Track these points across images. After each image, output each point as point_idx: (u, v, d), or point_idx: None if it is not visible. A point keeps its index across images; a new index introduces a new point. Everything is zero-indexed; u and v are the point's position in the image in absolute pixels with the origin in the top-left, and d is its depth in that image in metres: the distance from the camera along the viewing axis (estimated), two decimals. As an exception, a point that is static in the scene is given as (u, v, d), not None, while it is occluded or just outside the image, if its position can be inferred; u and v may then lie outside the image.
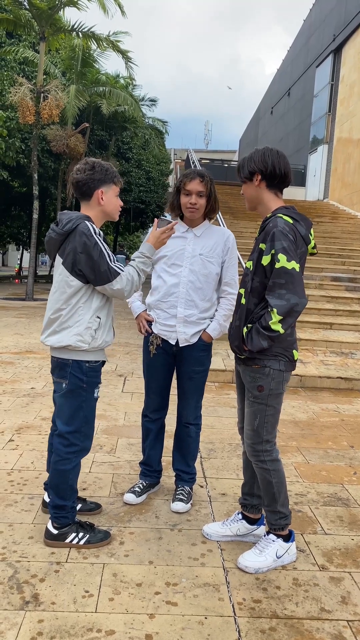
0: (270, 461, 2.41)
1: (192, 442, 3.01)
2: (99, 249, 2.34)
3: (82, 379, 2.46)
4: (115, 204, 2.53)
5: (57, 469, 2.49)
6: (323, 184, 21.05)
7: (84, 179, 2.43)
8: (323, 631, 2.01)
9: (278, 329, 2.23)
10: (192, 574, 2.33)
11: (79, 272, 2.37)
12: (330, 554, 2.54)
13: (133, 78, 19.73)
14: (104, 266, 2.34)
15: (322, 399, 5.54)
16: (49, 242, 2.48)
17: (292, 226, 2.28)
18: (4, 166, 17.18)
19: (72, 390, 2.46)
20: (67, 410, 2.48)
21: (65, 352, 2.45)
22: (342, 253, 11.94)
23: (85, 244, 2.33)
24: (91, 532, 2.52)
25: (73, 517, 2.53)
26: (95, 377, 2.52)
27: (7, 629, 1.93)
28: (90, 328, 2.42)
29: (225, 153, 46.65)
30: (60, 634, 1.92)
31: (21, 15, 14.57)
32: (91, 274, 2.36)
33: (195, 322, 2.85)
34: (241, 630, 1.99)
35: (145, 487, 3.03)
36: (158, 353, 2.92)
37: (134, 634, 1.94)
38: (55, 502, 2.49)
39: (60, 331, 2.43)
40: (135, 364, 6.67)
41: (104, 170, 2.45)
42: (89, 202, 2.48)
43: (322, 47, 21.55)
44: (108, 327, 2.53)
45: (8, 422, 4.20)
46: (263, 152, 2.36)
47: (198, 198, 2.79)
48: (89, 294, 2.43)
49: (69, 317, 2.42)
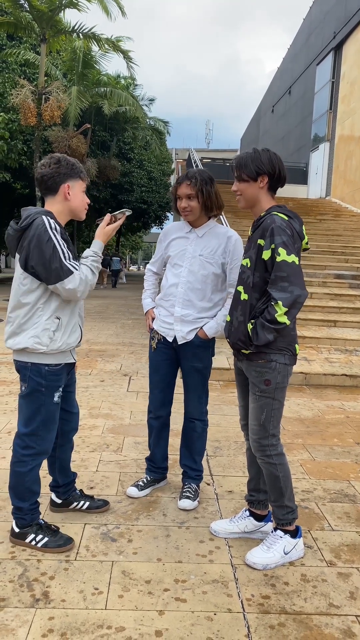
0: (276, 455, 2.43)
1: (198, 437, 3.03)
2: (52, 244, 2.23)
3: (41, 382, 2.38)
4: (82, 200, 2.44)
5: (14, 470, 2.45)
6: (325, 182, 21.03)
7: (50, 172, 2.34)
8: (332, 626, 2.02)
9: (284, 320, 2.26)
10: (200, 570, 2.34)
11: (31, 270, 2.28)
12: (337, 550, 2.55)
13: (134, 78, 19.76)
14: (55, 263, 2.23)
15: (327, 396, 5.54)
16: (7, 240, 2.37)
17: (288, 222, 2.33)
18: (6, 168, 17.23)
19: (30, 393, 2.39)
20: (26, 412, 2.42)
21: (24, 354, 2.37)
22: (345, 250, 11.92)
23: (38, 239, 2.22)
24: (51, 535, 2.47)
25: (32, 518, 2.48)
26: (56, 381, 2.42)
27: (19, 626, 1.94)
28: (48, 329, 2.33)
29: (227, 152, 46.67)
30: (71, 631, 1.93)
31: (22, 18, 14.63)
32: (43, 271, 2.25)
33: (192, 322, 2.88)
34: (250, 626, 2.00)
35: (149, 482, 3.07)
36: (159, 348, 2.97)
37: (144, 630, 1.95)
38: (14, 503, 2.48)
39: (20, 333, 2.35)
40: (139, 363, 6.68)
41: (70, 165, 2.38)
42: (54, 197, 2.39)
43: (322, 44, 21.52)
44: (71, 328, 2.43)
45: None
46: (269, 155, 2.40)
47: (188, 201, 2.82)
48: (48, 294, 2.33)
49: (27, 318, 2.33)
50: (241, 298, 2.41)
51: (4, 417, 4.36)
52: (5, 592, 2.13)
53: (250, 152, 2.42)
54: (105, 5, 14.66)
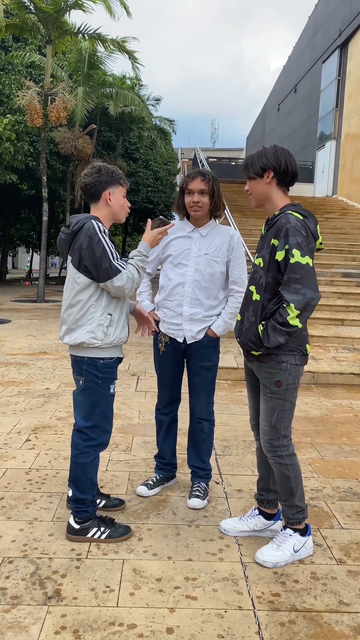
0: (287, 456, 2.43)
1: (206, 438, 3.05)
2: (102, 246, 2.42)
3: (98, 375, 2.54)
4: (123, 204, 2.61)
5: (77, 462, 2.57)
6: (332, 180, 20.96)
7: (92, 182, 2.54)
8: (342, 624, 2.03)
9: (296, 323, 2.25)
10: (210, 568, 2.36)
11: (84, 269, 2.46)
12: (347, 548, 2.56)
13: (139, 79, 19.77)
14: (105, 263, 2.41)
15: (335, 395, 5.54)
16: (60, 244, 2.59)
17: (303, 222, 2.30)
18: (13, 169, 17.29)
19: (88, 387, 2.55)
20: (85, 406, 2.56)
21: (80, 349, 2.54)
22: (352, 249, 11.89)
23: (90, 241, 2.42)
24: (112, 526, 2.58)
25: (93, 511, 2.59)
26: (110, 374, 2.59)
27: (31, 624, 1.97)
28: (102, 325, 2.50)
29: (232, 151, 46.57)
30: (83, 628, 1.95)
31: (27, 19, 14.66)
32: (94, 270, 2.44)
33: (201, 320, 2.90)
34: (261, 624, 2.01)
35: (158, 481, 3.09)
36: (167, 350, 2.98)
37: (155, 627, 1.97)
38: (76, 496, 2.56)
39: (75, 329, 2.52)
40: (147, 363, 6.70)
41: (109, 173, 2.56)
42: (97, 204, 2.58)
43: (328, 42, 21.45)
44: (122, 324, 2.59)
45: (25, 422, 4.25)
46: (275, 149, 2.37)
47: (200, 196, 2.84)
48: (99, 292, 2.50)
49: (81, 315, 2.50)
50: (253, 298, 2.40)
51: (14, 417, 4.39)
52: (17, 590, 2.16)
53: (259, 150, 2.43)
54: (108, 5, 14.66)
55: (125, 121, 21.81)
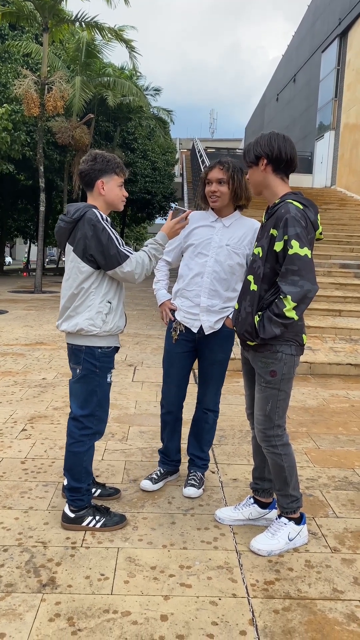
0: (281, 445, 2.43)
1: (209, 429, 3.04)
2: (107, 233, 2.40)
3: (95, 364, 2.53)
4: (117, 194, 2.56)
5: (72, 451, 2.56)
6: (330, 171, 20.88)
7: (86, 169, 2.52)
8: (336, 611, 2.04)
9: (292, 315, 2.23)
10: (205, 557, 2.36)
11: (90, 258, 2.44)
12: (342, 537, 2.57)
13: (137, 69, 19.61)
14: (113, 250, 2.40)
15: (331, 385, 5.54)
16: (58, 232, 2.55)
17: (303, 212, 2.27)
18: (9, 159, 17.20)
19: (85, 375, 2.54)
20: (82, 394, 2.55)
21: (78, 338, 2.53)
22: (350, 240, 11.86)
23: (94, 229, 2.40)
24: (107, 515, 2.58)
25: (89, 500, 2.59)
26: (108, 363, 2.58)
27: (26, 611, 1.97)
28: (101, 312, 2.49)
29: (231, 141, 46.38)
30: (78, 615, 1.96)
31: (24, 7, 14.50)
32: (102, 258, 2.42)
33: (218, 311, 2.86)
34: (255, 611, 2.02)
35: (162, 475, 3.07)
36: (180, 340, 2.93)
37: (149, 614, 1.98)
38: (71, 485, 2.56)
39: (74, 316, 2.51)
40: (144, 354, 6.70)
41: (105, 161, 2.51)
42: (92, 193, 2.55)
43: (327, 31, 21.28)
44: (120, 312, 2.58)
45: (20, 412, 4.25)
46: (269, 136, 2.34)
47: (218, 185, 2.76)
48: (99, 279, 2.49)
49: (81, 302, 2.49)
50: (250, 288, 2.38)
51: (10, 407, 4.39)
52: (12, 578, 2.16)
53: (256, 137, 2.40)
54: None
55: (123, 111, 21.67)
